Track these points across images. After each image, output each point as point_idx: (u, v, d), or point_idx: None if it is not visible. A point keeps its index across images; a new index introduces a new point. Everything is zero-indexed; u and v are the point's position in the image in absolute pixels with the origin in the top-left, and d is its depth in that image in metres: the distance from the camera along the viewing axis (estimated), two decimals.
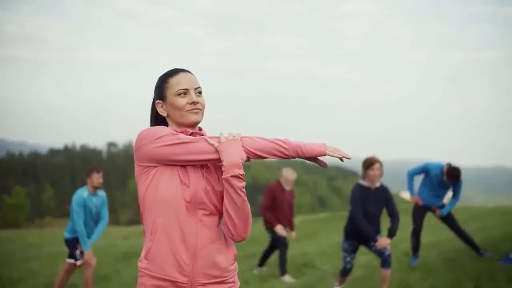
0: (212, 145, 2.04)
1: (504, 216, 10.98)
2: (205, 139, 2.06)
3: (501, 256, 6.38)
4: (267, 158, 2.10)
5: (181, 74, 2.15)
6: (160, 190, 2.03)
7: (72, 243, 6.17)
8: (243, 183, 2.02)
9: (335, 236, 11.16)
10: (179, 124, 2.15)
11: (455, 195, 6.83)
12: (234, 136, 2.06)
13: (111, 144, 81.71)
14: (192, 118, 2.12)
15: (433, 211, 6.93)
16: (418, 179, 7.00)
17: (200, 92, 2.15)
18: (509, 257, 6.12)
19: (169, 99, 2.13)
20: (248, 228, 2.08)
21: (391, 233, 5.25)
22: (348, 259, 5.50)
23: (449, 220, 6.91)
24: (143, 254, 2.10)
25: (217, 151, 2.03)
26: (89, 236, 6.16)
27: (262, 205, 7.34)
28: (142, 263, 2.09)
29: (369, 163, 5.23)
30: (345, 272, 5.63)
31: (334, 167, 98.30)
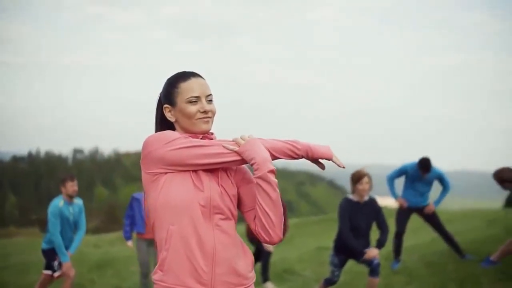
0: (227, 147, 1.96)
1: (474, 220, 11.14)
2: (221, 142, 1.98)
3: (481, 258, 6.46)
4: (279, 158, 2.04)
5: (193, 80, 2.06)
6: (173, 196, 1.93)
7: (50, 254, 5.96)
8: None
9: (311, 241, 11.15)
10: (188, 132, 2.06)
11: (445, 187, 6.87)
12: (248, 137, 1.99)
13: (77, 151, 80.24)
14: (203, 127, 2.04)
15: (419, 212, 6.93)
16: (400, 184, 7.02)
17: (211, 100, 2.07)
18: (490, 259, 6.20)
19: (179, 105, 2.04)
20: (282, 227, 1.99)
21: (380, 244, 5.21)
22: (336, 273, 5.43)
23: (434, 220, 6.93)
24: (157, 265, 1.98)
25: (236, 154, 1.95)
26: (67, 246, 5.96)
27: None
28: (157, 275, 1.98)
29: (358, 177, 5.15)
30: (330, 283, 5.56)
31: (302, 172, 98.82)
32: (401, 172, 6.91)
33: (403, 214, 6.95)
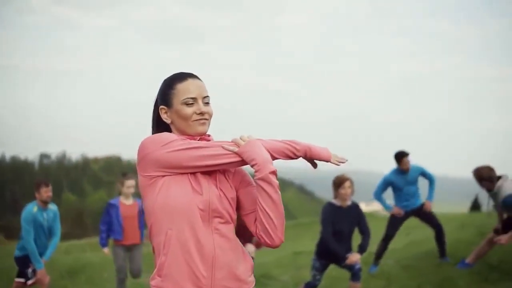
0: (227, 148, 1.92)
1: (449, 223, 11.33)
2: (220, 143, 1.94)
3: (456, 261, 6.56)
4: (278, 159, 2.01)
5: (190, 81, 2.01)
6: (171, 200, 1.88)
7: (23, 261, 5.79)
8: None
9: (286, 246, 11.13)
10: (184, 134, 2.01)
11: (430, 180, 6.89)
12: (248, 138, 1.96)
13: (43, 156, 78.55)
14: (199, 129, 1.99)
15: (415, 214, 6.93)
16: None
17: (208, 102, 2.03)
18: (464, 262, 6.30)
19: (175, 107, 1.99)
20: (284, 229, 1.96)
21: (362, 249, 5.23)
22: (318, 277, 5.43)
23: (431, 218, 6.92)
24: (155, 271, 1.93)
25: (236, 155, 1.92)
26: (42, 253, 5.81)
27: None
28: (155, 281, 1.93)
29: (339, 182, 5.17)
30: (310, 287, 5.57)
31: None
32: (385, 184, 6.90)
33: (397, 219, 6.94)
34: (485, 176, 5.55)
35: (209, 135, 2.07)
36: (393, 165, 6.89)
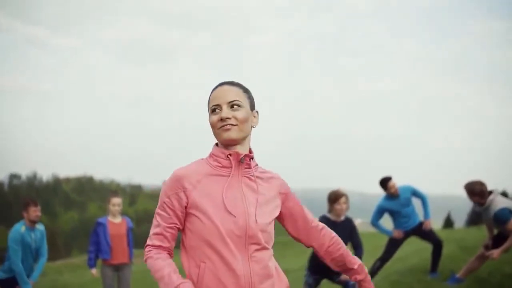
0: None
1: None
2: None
3: (443, 276, 6.59)
4: None
5: (218, 88, 1.95)
6: (206, 228, 1.83)
7: (9, 284, 5.62)
8: None
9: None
10: (218, 141, 1.97)
11: (422, 198, 6.92)
12: None
13: (13, 176, 76.78)
14: (224, 135, 1.90)
15: (415, 233, 6.96)
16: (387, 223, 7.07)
17: (236, 105, 1.90)
18: (455, 277, 6.32)
19: (209, 117, 1.96)
20: None
21: None
22: None
23: (431, 235, 6.95)
24: None
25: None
26: (28, 274, 5.65)
27: None
28: None
29: (335, 197, 5.20)
30: None
31: None
32: (380, 211, 6.93)
33: (396, 240, 6.96)
34: (477, 191, 5.59)
35: (251, 153, 1.99)
36: (363, 182, 6.95)
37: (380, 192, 7.00)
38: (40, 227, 5.82)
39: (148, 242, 1.89)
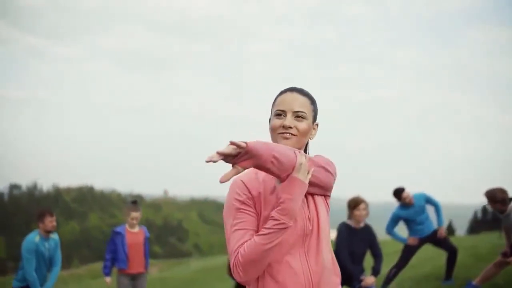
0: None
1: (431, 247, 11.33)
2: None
3: (458, 283, 6.56)
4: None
5: (287, 94, 1.96)
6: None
7: None
8: None
9: None
10: None
11: (435, 205, 6.96)
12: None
13: (13, 186, 76.59)
14: (281, 143, 1.89)
15: (429, 240, 6.98)
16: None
17: (301, 117, 1.91)
18: (472, 284, 6.29)
19: (271, 118, 1.97)
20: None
21: (376, 272, 5.24)
22: None
23: (446, 242, 6.98)
24: None
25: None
26: (42, 283, 5.63)
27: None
28: None
29: (355, 204, 5.23)
30: None
31: None
32: (395, 220, 6.98)
33: (411, 249, 7.00)
34: (499, 198, 5.57)
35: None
36: (363, 190, 6.98)
37: (382, 200, 7.06)
38: (54, 236, 5.81)
39: (234, 255, 1.78)
